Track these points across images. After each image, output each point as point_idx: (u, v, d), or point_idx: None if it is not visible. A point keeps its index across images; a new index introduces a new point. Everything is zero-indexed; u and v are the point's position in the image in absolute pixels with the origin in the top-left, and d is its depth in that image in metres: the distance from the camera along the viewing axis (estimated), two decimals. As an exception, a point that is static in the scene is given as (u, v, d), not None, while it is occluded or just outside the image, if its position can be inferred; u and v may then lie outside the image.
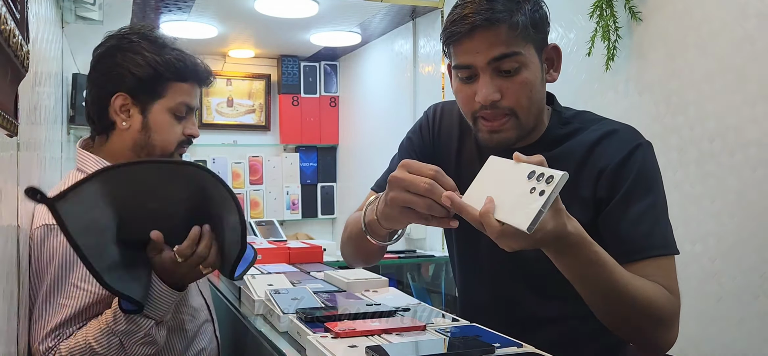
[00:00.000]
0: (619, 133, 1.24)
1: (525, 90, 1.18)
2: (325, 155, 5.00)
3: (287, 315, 1.23)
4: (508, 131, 1.20)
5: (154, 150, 1.44)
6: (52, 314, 1.25)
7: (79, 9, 2.41)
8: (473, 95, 1.19)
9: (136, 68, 1.40)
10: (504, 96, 1.17)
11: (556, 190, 0.91)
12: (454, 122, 1.40)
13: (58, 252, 1.27)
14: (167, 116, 1.44)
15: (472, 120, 1.23)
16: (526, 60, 1.17)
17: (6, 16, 0.82)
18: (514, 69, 1.17)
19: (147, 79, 1.41)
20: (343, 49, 4.54)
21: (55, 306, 1.26)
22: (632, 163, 1.19)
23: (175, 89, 1.44)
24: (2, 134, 0.97)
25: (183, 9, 3.41)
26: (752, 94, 1.73)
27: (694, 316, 1.89)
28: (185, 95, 1.46)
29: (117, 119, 1.41)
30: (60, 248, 1.27)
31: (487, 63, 1.16)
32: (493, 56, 1.15)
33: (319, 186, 4.98)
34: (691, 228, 1.91)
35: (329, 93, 4.93)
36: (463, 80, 1.21)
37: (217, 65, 4.73)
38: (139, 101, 1.42)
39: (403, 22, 3.79)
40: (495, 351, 0.95)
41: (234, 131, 4.81)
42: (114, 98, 1.40)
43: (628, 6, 2.09)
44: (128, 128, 1.42)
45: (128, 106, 1.41)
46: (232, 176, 4.72)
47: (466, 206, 1.01)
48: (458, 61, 1.20)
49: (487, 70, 1.16)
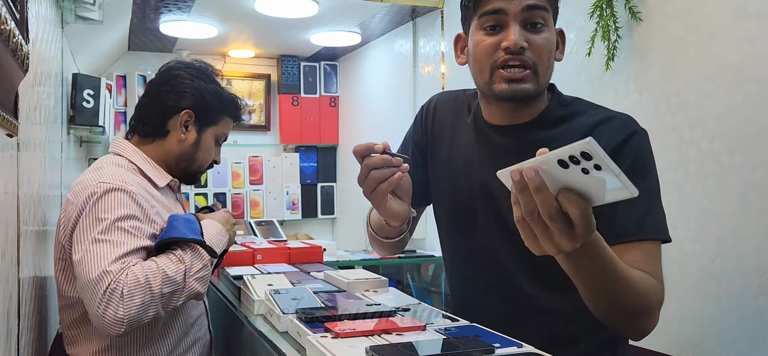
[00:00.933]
0: (616, 119, 1.27)
1: (547, 48, 1.23)
2: (325, 155, 5.00)
3: (287, 315, 1.23)
4: (526, 83, 1.22)
5: (194, 164, 1.72)
6: (115, 247, 1.39)
7: (79, 9, 2.41)
8: (497, 45, 1.22)
9: (208, 96, 1.70)
10: (529, 47, 1.21)
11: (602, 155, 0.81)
12: (447, 111, 1.44)
13: (120, 206, 1.45)
14: (211, 141, 1.74)
15: (489, 72, 1.24)
16: (550, 22, 1.24)
17: (6, 16, 0.82)
18: (540, 24, 1.22)
19: (212, 107, 1.71)
20: (343, 49, 4.54)
21: (116, 243, 1.40)
22: (629, 148, 1.21)
23: (225, 122, 1.76)
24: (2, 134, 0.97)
25: (183, 9, 3.41)
26: (752, 94, 1.73)
27: (694, 316, 1.89)
28: (228, 128, 1.79)
29: (176, 131, 1.67)
30: (121, 203, 1.45)
31: (521, 9, 1.20)
32: (526, 4, 1.20)
33: (319, 186, 4.98)
34: (691, 228, 1.91)
35: (329, 93, 4.93)
36: (488, 30, 1.24)
37: (217, 65, 4.71)
38: (199, 121, 1.69)
39: (403, 22, 3.79)
40: (495, 351, 0.95)
41: (234, 130, 4.75)
42: (182, 113, 1.66)
43: (628, 6, 2.09)
44: (184, 140, 1.68)
45: (190, 123, 1.68)
46: (232, 176, 4.72)
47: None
48: (489, 7, 1.22)
49: (519, 17, 1.21)
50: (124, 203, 1.46)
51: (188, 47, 4.43)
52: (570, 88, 2.38)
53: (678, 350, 1.94)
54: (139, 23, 3.65)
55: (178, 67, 1.72)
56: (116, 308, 1.32)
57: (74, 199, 1.47)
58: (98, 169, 1.55)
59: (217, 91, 1.72)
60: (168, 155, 1.68)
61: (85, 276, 1.35)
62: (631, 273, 1.10)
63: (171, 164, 1.69)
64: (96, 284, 1.33)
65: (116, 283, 1.33)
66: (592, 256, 1.00)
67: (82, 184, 1.50)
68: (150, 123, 1.68)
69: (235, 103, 1.77)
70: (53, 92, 2.10)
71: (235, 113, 1.78)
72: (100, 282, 1.33)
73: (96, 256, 1.37)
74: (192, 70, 1.72)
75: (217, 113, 1.72)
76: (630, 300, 1.10)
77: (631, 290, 1.09)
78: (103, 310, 1.31)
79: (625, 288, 1.08)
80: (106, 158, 1.63)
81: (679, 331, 1.93)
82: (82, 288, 1.36)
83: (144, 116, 1.70)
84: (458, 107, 1.42)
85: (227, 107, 1.75)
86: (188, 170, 1.72)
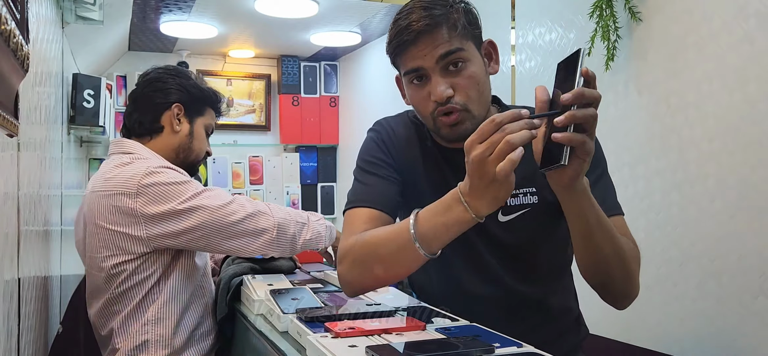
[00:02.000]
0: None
1: (473, 83, 1.29)
2: (325, 155, 5.00)
3: (287, 315, 1.23)
4: (464, 123, 1.29)
5: (192, 153, 1.88)
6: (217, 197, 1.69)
7: (79, 9, 2.41)
8: (428, 96, 1.29)
9: (192, 89, 1.88)
10: (456, 91, 1.27)
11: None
12: (410, 133, 1.45)
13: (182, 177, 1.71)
14: (203, 130, 1.91)
15: (431, 120, 1.32)
16: (469, 55, 1.29)
17: (6, 16, 0.82)
18: (460, 65, 1.28)
19: (197, 99, 1.89)
20: (343, 49, 4.54)
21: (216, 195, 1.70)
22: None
23: (209, 113, 1.94)
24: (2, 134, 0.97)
25: (183, 9, 3.41)
26: (752, 94, 1.73)
27: (694, 316, 1.89)
28: (213, 119, 1.96)
29: (170, 125, 1.83)
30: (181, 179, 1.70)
31: (435, 62, 1.27)
32: (439, 54, 1.26)
33: (319, 186, 4.98)
34: (691, 228, 1.91)
35: (329, 93, 4.93)
36: (416, 84, 1.31)
37: (217, 65, 4.73)
38: (189, 113, 1.87)
39: (403, 22, 3.78)
40: (495, 351, 0.96)
41: (234, 131, 4.81)
42: (173, 106, 1.83)
43: (628, 6, 2.09)
44: (179, 131, 1.84)
45: (181, 116, 1.85)
46: (232, 176, 4.72)
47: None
48: (408, 66, 1.30)
49: (436, 68, 1.27)
50: (179, 175, 1.69)
51: (188, 47, 4.43)
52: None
53: (678, 350, 1.94)
54: (139, 23, 3.65)
55: (156, 71, 1.89)
56: (266, 215, 1.70)
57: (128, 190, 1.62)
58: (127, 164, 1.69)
59: (197, 85, 1.90)
60: (167, 149, 1.83)
61: (217, 210, 1.64)
62: (614, 229, 1.21)
63: (171, 157, 1.82)
64: (234, 205, 1.67)
65: (255, 201, 1.71)
66: (590, 198, 1.14)
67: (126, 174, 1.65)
68: (145, 122, 1.83)
69: (215, 95, 1.95)
70: (53, 92, 2.10)
71: (216, 104, 1.95)
72: (238, 201, 1.68)
73: (215, 196, 1.67)
74: (171, 70, 1.89)
75: (202, 104, 1.90)
76: (621, 251, 1.21)
77: (616, 240, 1.20)
78: (255, 216, 1.67)
79: (612, 237, 1.19)
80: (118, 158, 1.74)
81: (679, 331, 1.93)
82: (219, 218, 1.64)
83: (136, 118, 1.84)
84: (409, 135, 1.45)
85: (209, 98, 1.93)
86: (187, 160, 1.87)
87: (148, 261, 1.67)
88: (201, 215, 1.63)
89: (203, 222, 1.63)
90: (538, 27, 2.54)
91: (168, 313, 1.69)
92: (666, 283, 1.98)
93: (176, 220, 1.63)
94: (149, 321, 1.68)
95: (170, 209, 1.62)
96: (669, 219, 1.98)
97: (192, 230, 1.63)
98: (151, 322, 1.68)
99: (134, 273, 1.66)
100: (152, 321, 1.68)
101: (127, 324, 1.68)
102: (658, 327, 2.03)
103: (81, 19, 2.46)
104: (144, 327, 1.67)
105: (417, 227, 1.14)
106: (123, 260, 1.65)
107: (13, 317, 1.14)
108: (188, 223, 1.63)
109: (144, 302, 1.68)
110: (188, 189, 1.65)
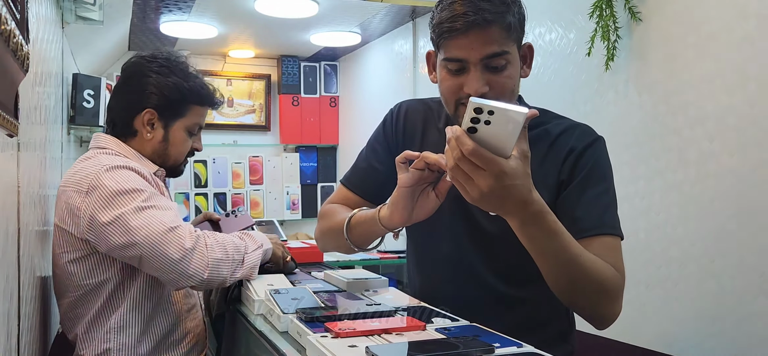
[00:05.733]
0: (581, 126, 1.39)
1: (508, 85, 1.27)
2: (325, 155, 5.00)
3: (287, 315, 1.23)
4: None
5: (169, 159, 1.73)
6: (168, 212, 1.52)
7: (79, 9, 2.42)
8: (460, 86, 1.27)
9: (167, 91, 1.68)
10: (490, 89, 1.25)
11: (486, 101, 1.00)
12: (418, 117, 1.51)
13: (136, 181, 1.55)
14: (184, 133, 1.73)
15: (454, 107, 1.31)
16: (512, 58, 1.27)
17: (6, 16, 0.82)
18: (501, 66, 1.25)
19: (174, 102, 1.69)
20: (343, 49, 4.54)
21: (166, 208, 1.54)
22: (592, 151, 1.33)
23: (194, 112, 1.73)
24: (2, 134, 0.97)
25: (183, 9, 3.41)
26: (752, 94, 1.73)
27: (694, 316, 1.89)
28: (200, 116, 1.76)
29: (142, 129, 1.68)
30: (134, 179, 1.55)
31: (480, 59, 1.24)
32: (486, 54, 1.23)
33: (319, 186, 4.98)
34: (691, 228, 1.91)
35: (329, 93, 4.93)
36: (452, 72, 1.28)
37: (217, 65, 4.73)
38: (164, 117, 1.69)
39: (403, 22, 3.79)
40: (495, 351, 0.96)
41: (234, 131, 4.81)
42: (144, 112, 1.66)
43: (628, 6, 2.09)
44: (151, 139, 1.69)
45: (154, 121, 1.68)
46: (232, 176, 4.72)
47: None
48: (450, 54, 1.26)
49: (479, 65, 1.24)
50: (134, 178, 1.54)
51: (188, 47, 4.43)
52: (570, 88, 2.39)
53: (678, 350, 1.94)
54: (139, 23, 3.65)
55: (139, 63, 1.71)
56: (202, 254, 1.49)
57: (80, 188, 1.50)
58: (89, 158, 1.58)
59: (177, 83, 1.69)
60: (143, 152, 1.71)
61: (156, 237, 1.46)
62: (585, 253, 1.18)
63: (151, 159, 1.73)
64: (174, 236, 1.47)
65: (195, 235, 1.49)
66: (542, 226, 1.11)
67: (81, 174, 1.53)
68: (119, 124, 1.71)
69: (200, 92, 1.73)
70: (53, 92, 2.10)
71: (203, 100, 1.75)
72: (178, 233, 1.47)
73: (157, 220, 1.48)
74: (154, 64, 1.70)
75: (181, 105, 1.71)
76: (586, 278, 1.17)
77: (586, 268, 1.16)
78: (190, 256, 1.47)
79: (579, 266, 1.16)
80: (92, 152, 1.64)
81: (679, 331, 1.94)
82: (153, 250, 1.46)
83: (113, 117, 1.73)
84: (429, 114, 1.50)
85: (190, 97, 1.72)
86: (164, 165, 1.74)
87: (103, 264, 1.57)
88: (138, 235, 1.47)
89: (138, 242, 1.48)
90: (539, 27, 2.54)
91: (132, 321, 1.60)
92: (666, 283, 1.98)
93: (112, 233, 1.48)
94: (112, 329, 1.59)
95: (111, 218, 1.48)
96: (669, 219, 1.98)
97: (124, 247, 1.49)
98: (113, 330, 1.59)
99: (89, 275, 1.57)
100: (115, 328, 1.59)
101: (90, 331, 1.60)
102: (658, 327, 2.03)
103: (81, 19, 2.46)
104: (107, 334, 1.59)
105: (350, 223, 1.37)
106: (74, 259, 1.56)
107: (13, 317, 1.14)
108: (122, 240, 1.48)
109: (106, 308, 1.59)
110: (134, 199, 1.50)
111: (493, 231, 1.36)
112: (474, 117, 1.00)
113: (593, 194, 1.29)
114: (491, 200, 1.04)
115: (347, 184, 1.55)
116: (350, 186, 1.54)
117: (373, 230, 1.34)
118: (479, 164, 1.02)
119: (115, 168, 1.53)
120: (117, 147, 1.67)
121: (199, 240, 1.51)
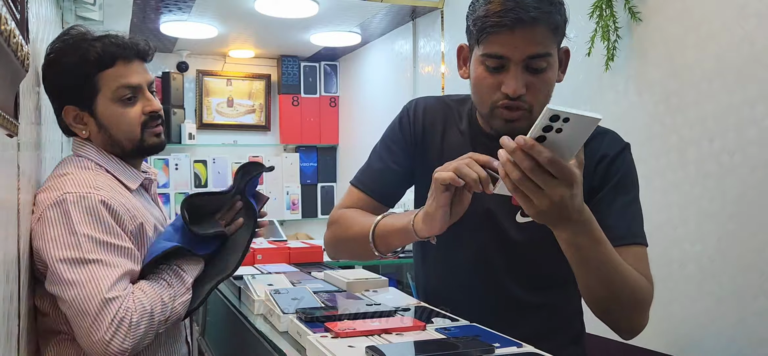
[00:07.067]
0: (609, 134, 1.35)
1: (546, 88, 1.23)
2: (325, 155, 5.00)
3: (287, 315, 1.23)
4: (521, 121, 1.24)
5: (120, 143, 1.46)
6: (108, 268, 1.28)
7: (79, 9, 2.42)
8: (497, 86, 1.22)
9: (64, 78, 1.41)
10: (528, 90, 1.21)
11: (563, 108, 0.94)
12: (437, 116, 1.45)
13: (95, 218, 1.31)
14: (113, 106, 1.43)
15: (489, 107, 1.26)
16: (553, 61, 1.23)
17: (6, 16, 0.82)
18: (542, 68, 1.21)
19: (76, 84, 1.41)
20: (343, 49, 4.54)
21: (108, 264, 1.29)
22: (622, 159, 1.30)
23: (105, 78, 1.42)
24: (2, 134, 0.97)
25: (183, 9, 3.41)
26: (752, 94, 1.73)
27: (694, 316, 1.89)
28: (120, 77, 1.42)
29: (78, 130, 1.45)
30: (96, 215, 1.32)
31: (523, 59, 1.19)
32: (530, 54, 1.19)
33: (319, 186, 4.98)
34: (691, 228, 1.91)
35: (329, 93, 4.93)
36: (490, 69, 1.23)
37: (217, 65, 4.74)
38: (83, 105, 1.43)
39: (403, 22, 3.79)
40: (495, 351, 0.96)
41: (234, 131, 4.81)
42: (63, 113, 1.44)
43: (628, 6, 2.09)
44: (88, 135, 1.45)
45: (79, 114, 1.44)
46: (232, 176, 4.72)
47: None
48: (492, 50, 1.20)
49: (520, 64, 1.20)
50: (99, 214, 1.31)
51: (188, 47, 4.43)
52: (569, 88, 2.39)
53: (678, 350, 1.94)
54: (139, 23, 3.65)
55: (49, 52, 1.43)
56: (124, 338, 1.24)
57: (38, 211, 1.32)
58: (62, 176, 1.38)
59: (69, 64, 1.40)
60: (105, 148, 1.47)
61: (81, 304, 1.24)
62: (625, 264, 1.17)
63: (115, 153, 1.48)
64: (100, 312, 1.23)
65: (124, 311, 1.24)
66: (590, 235, 1.09)
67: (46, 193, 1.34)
68: (67, 134, 1.51)
69: (99, 56, 1.40)
70: (53, 92, 2.10)
71: (105, 61, 1.41)
72: (104, 310, 1.23)
73: (91, 279, 1.26)
74: (47, 59, 1.44)
75: (84, 82, 1.41)
76: (624, 288, 1.16)
77: (624, 278, 1.16)
78: (110, 338, 1.22)
79: (619, 275, 1.15)
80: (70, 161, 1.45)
81: (679, 331, 1.93)
82: (78, 314, 1.24)
83: (63, 130, 1.52)
84: (448, 113, 1.44)
85: (90, 67, 1.40)
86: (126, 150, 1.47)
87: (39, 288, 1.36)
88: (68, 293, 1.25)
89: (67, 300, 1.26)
90: (538, 27, 2.54)
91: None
92: (666, 283, 1.97)
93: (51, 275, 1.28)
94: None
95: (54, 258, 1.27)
96: (669, 219, 1.98)
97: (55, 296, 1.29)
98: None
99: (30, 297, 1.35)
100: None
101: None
102: (658, 327, 2.03)
103: (81, 19, 2.46)
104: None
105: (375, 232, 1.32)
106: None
107: (13, 317, 1.14)
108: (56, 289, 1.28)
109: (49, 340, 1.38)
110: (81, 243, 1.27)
111: (518, 239, 1.34)
112: (547, 125, 0.95)
113: (624, 202, 1.26)
114: (555, 211, 1.02)
115: (361, 186, 1.49)
116: (364, 188, 1.48)
117: (406, 239, 1.31)
118: (555, 173, 0.98)
119: (80, 200, 1.31)
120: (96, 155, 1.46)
121: (125, 317, 1.24)
